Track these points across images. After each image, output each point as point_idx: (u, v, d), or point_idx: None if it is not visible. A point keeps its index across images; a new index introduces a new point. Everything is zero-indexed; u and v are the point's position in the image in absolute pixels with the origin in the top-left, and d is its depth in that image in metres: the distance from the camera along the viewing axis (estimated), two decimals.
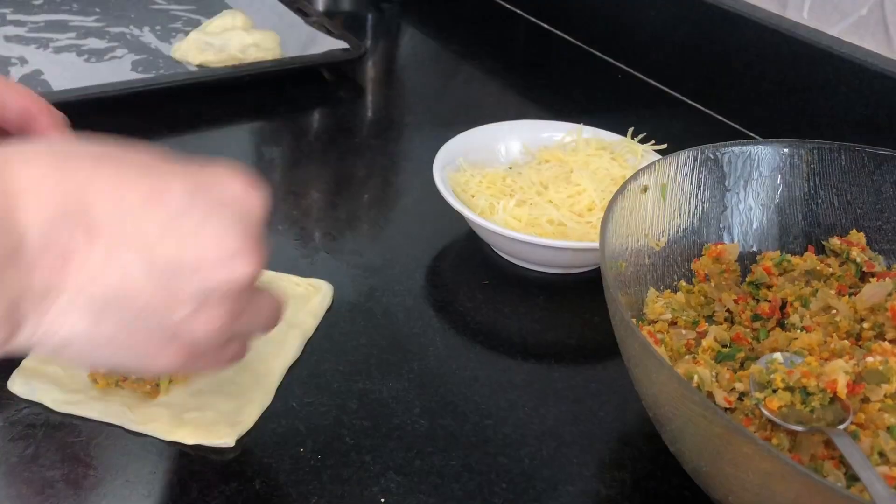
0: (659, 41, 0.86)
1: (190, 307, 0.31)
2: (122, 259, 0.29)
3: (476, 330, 0.52)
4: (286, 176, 0.68)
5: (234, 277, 0.31)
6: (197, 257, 0.30)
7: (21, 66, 0.77)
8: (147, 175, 0.30)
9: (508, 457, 0.43)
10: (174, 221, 0.30)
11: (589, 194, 0.58)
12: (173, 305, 0.30)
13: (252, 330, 0.36)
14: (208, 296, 0.31)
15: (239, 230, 0.31)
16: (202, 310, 0.31)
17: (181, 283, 0.30)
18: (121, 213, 0.29)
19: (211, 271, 0.31)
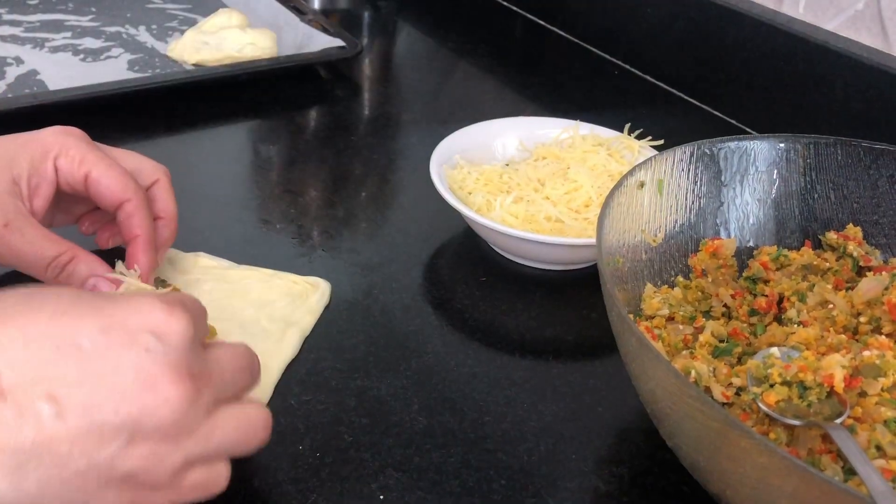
0: (655, 37, 0.86)
1: (118, 442, 0.30)
2: (34, 411, 0.29)
3: (474, 327, 0.52)
4: (283, 174, 0.68)
5: (158, 407, 0.30)
6: (115, 394, 0.30)
7: (17, 66, 0.77)
8: (58, 323, 0.30)
9: (507, 453, 0.43)
10: (89, 364, 0.30)
11: (586, 190, 0.58)
12: (100, 444, 0.29)
13: (217, 451, 0.34)
14: (137, 428, 0.30)
15: (159, 360, 0.31)
16: (133, 443, 0.30)
17: (103, 422, 0.29)
18: (31, 368, 0.29)
19: (132, 404, 0.30)
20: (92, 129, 0.69)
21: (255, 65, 0.77)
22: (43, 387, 0.29)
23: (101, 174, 0.45)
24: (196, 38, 0.81)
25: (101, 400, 0.29)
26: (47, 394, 0.29)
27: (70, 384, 0.29)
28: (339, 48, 0.80)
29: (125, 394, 0.30)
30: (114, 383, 0.30)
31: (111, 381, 0.30)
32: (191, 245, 0.56)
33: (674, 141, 0.58)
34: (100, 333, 0.30)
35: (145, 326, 0.31)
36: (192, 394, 0.31)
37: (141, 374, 0.30)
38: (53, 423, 0.29)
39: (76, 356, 0.30)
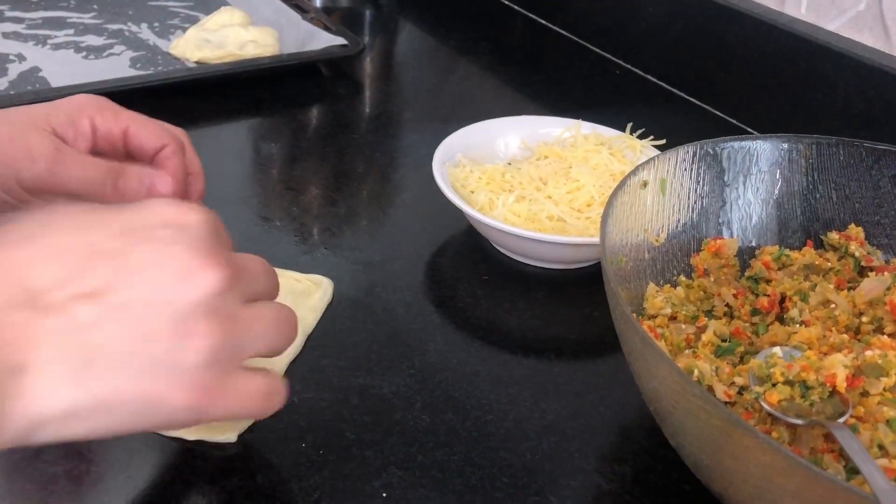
0: (657, 37, 0.86)
1: (171, 337, 0.30)
2: (81, 317, 0.30)
3: (476, 325, 0.52)
4: (285, 172, 0.68)
5: (202, 290, 0.31)
6: (150, 289, 0.31)
7: (19, 63, 0.77)
8: (82, 235, 0.32)
9: (510, 451, 0.43)
10: (121, 264, 0.31)
11: (588, 190, 0.58)
12: (154, 342, 0.30)
13: (260, 344, 0.34)
14: (185, 318, 0.31)
15: (185, 247, 0.32)
16: (189, 335, 0.31)
17: (148, 321, 0.30)
18: (69, 278, 0.30)
19: (175, 295, 0.31)
20: None
21: (257, 62, 0.77)
22: (85, 293, 0.30)
23: (140, 126, 0.47)
24: (198, 36, 0.81)
25: (144, 295, 0.30)
26: (91, 298, 0.30)
27: (109, 286, 0.30)
28: (341, 46, 0.80)
29: (164, 287, 0.31)
30: (150, 277, 0.31)
31: (148, 275, 0.31)
32: None
33: (675, 140, 0.58)
34: (122, 236, 0.32)
35: (161, 221, 0.32)
36: (225, 275, 0.32)
37: (175, 266, 0.31)
38: (103, 325, 0.30)
39: (107, 259, 0.31)
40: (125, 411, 0.31)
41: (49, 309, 0.29)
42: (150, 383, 0.30)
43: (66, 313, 0.29)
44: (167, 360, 0.30)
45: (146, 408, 0.31)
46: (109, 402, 0.30)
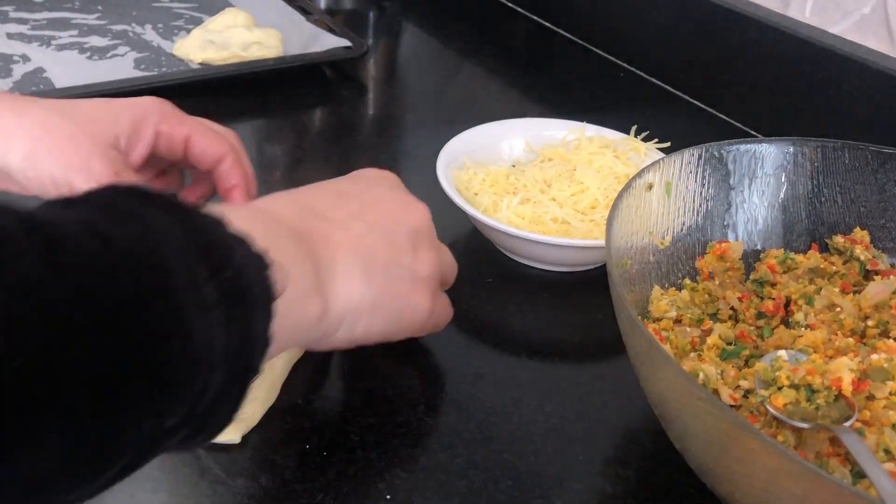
0: (661, 40, 0.86)
1: (410, 251, 0.41)
2: (356, 230, 0.40)
3: (480, 327, 0.52)
4: (289, 174, 0.68)
5: (420, 220, 0.43)
6: (390, 214, 0.42)
7: (24, 64, 0.77)
8: (328, 185, 0.44)
9: (514, 454, 0.43)
10: (363, 199, 0.42)
11: (592, 192, 0.58)
12: (401, 253, 0.41)
13: (446, 274, 0.46)
14: (415, 239, 0.42)
15: (399, 190, 0.45)
16: (418, 251, 0.41)
17: (395, 237, 0.41)
18: (335, 205, 0.41)
19: (405, 220, 0.42)
20: None
21: (261, 64, 0.77)
22: (353, 212, 0.41)
23: (201, 136, 0.50)
24: (202, 37, 0.81)
25: (389, 217, 0.42)
26: (357, 217, 0.40)
27: (363, 210, 0.41)
28: (345, 48, 0.81)
29: (398, 213, 0.42)
30: (386, 209, 0.42)
31: (384, 206, 0.42)
32: None
33: (679, 143, 0.58)
34: (355, 184, 0.44)
35: (376, 177, 0.46)
36: (428, 211, 0.44)
37: (399, 201, 0.43)
38: (371, 237, 0.40)
39: (354, 195, 0.42)
40: (391, 308, 0.41)
41: (335, 222, 0.39)
42: (405, 285, 0.41)
43: (348, 226, 0.39)
44: (411, 269, 0.41)
45: (403, 305, 0.41)
46: (382, 299, 0.40)
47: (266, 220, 0.36)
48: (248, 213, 0.36)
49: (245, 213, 0.36)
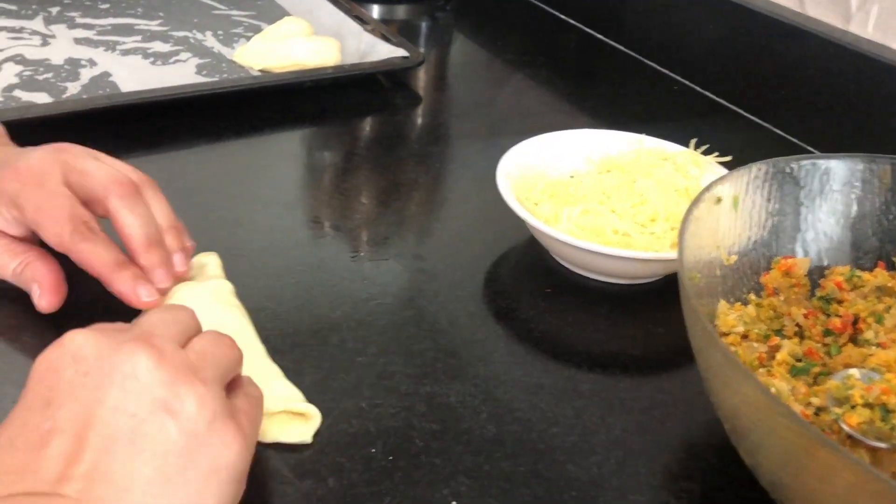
0: (716, 53, 0.86)
1: (159, 425, 0.31)
2: (74, 488, 0.30)
3: (539, 338, 0.52)
4: (347, 180, 0.68)
5: (140, 381, 0.32)
6: (109, 418, 0.31)
7: (90, 68, 0.79)
8: (12, 441, 0.32)
9: (577, 465, 0.44)
10: (61, 437, 0.31)
11: (652, 205, 0.58)
12: (158, 444, 0.31)
13: (222, 367, 0.36)
14: (154, 406, 0.32)
15: (92, 363, 0.32)
16: (167, 411, 0.32)
17: (136, 436, 0.31)
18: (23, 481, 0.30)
19: (120, 402, 0.32)
20: (164, 131, 0.71)
21: (320, 72, 0.78)
22: (60, 474, 0.30)
23: (39, 230, 0.47)
24: (263, 45, 0.82)
25: (109, 430, 0.31)
26: (70, 472, 0.30)
27: (76, 449, 0.30)
28: (402, 58, 0.81)
29: (108, 405, 0.31)
30: (98, 417, 0.31)
31: (97, 416, 0.31)
32: (253, 248, 0.57)
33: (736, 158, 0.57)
34: (43, 410, 0.31)
35: (117, 370, 0.32)
36: (143, 347, 0.33)
37: (100, 385, 0.31)
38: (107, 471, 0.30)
39: (54, 437, 0.30)
40: (187, 491, 0.31)
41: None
42: (176, 458, 0.31)
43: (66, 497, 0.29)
44: (183, 441, 0.31)
45: (213, 480, 0.32)
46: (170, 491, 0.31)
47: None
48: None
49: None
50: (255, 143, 0.72)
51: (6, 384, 0.45)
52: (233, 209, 0.62)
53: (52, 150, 0.50)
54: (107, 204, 0.48)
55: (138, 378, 0.32)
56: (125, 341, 0.33)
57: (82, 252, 0.47)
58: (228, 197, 0.63)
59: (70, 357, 0.32)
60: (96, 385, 0.31)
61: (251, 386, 0.39)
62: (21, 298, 0.49)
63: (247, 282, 0.53)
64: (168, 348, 0.33)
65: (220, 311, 0.48)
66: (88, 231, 0.47)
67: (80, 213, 0.47)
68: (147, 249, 0.48)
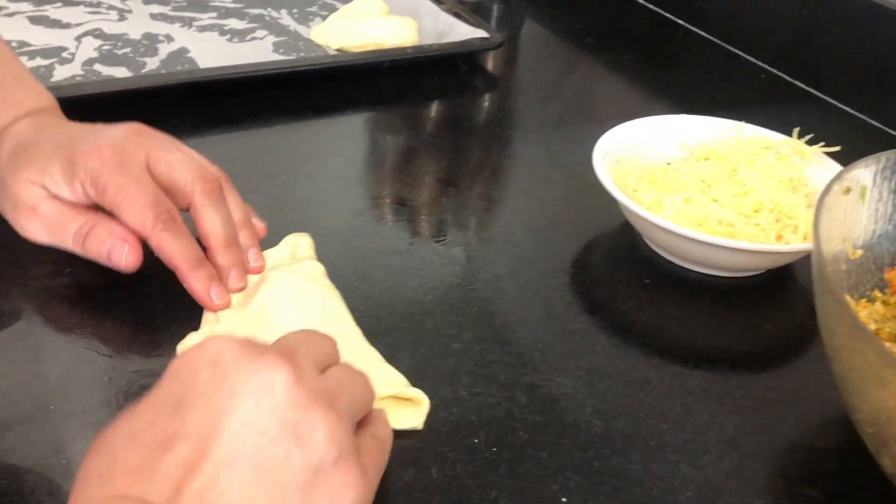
0: (810, 41, 0.82)
1: (288, 450, 0.29)
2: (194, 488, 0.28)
3: (642, 330, 0.50)
4: (430, 163, 0.66)
5: (275, 397, 0.30)
6: (235, 433, 0.29)
7: (168, 44, 0.78)
8: (135, 435, 0.30)
9: (690, 464, 0.41)
10: (188, 443, 0.29)
11: (757, 195, 0.55)
12: (279, 470, 0.29)
13: (358, 406, 0.35)
14: (284, 427, 0.29)
15: (233, 373, 0.30)
16: (297, 438, 0.29)
17: (253, 457, 0.29)
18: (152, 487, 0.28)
19: (254, 417, 0.29)
20: (245, 108, 0.70)
21: (399, 52, 0.76)
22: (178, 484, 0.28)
23: (119, 211, 0.46)
24: (340, 24, 0.81)
25: (234, 446, 0.29)
26: (189, 481, 0.28)
27: (197, 461, 0.28)
28: (481, 39, 0.79)
29: (238, 421, 0.29)
30: (224, 427, 0.29)
31: (223, 427, 0.29)
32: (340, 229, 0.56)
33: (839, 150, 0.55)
34: (174, 412, 0.29)
35: (255, 380, 0.30)
36: (281, 362, 0.30)
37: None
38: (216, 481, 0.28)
39: (178, 442, 0.28)
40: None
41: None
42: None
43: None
44: (305, 476, 0.29)
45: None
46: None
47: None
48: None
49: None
50: (336, 123, 0.71)
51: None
52: (318, 189, 0.60)
53: (133, 131, 0.49)
54: (191, 198, 0.47)
55: (274, 393, 0.29)
56: (267, 352, 0.31)
57: (163, 242, 0.45)
58: (312, 176, 0.62)
59: (209, 359, 0.30)
60: (231, 391, 0.29)
61: (380, 426, 0.37)
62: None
63: (337, 262, 0.52)
64: (307, 370, 0.31)
65: (314, 293, 0.47)
66: (171, 221, 0.46)
67: (164, 202, 0.46)
68: (226, 249, 0.47)
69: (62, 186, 0.47)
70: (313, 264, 0.50)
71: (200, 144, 0.64)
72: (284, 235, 0.53)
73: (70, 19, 0.81)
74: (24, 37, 0.77)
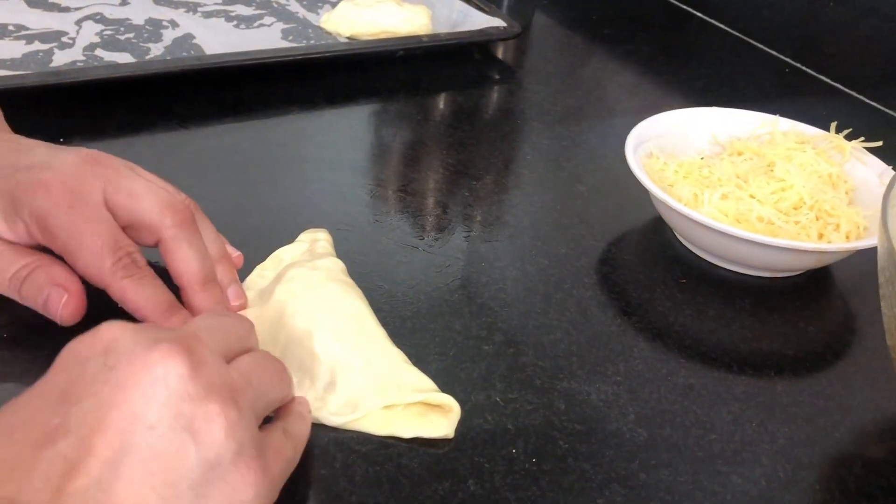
0: (836, 35, 0.80)
1: (179, 447, 0.27)
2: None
3: (681, 333, 0.47)
4: (451, 155, 0.63)
5: (167, 388, 0.28)
6: (121, 424, 0.27)
7: (172, 30, 0.75)
8: (18, 428, 0.27)
9: (742, 476, 0.39)
10: (75, 433, 0.27)
11: (797, 191, 0.53)
12: (172, 469, 0.27)
13: (269, 395, 0.32)
14: (177, 420, 0.27)
15: (121, 368, 0.28)
16: (190, 431, 0.27)
17: (146, 448, 0.27)
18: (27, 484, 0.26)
19: (142, 409, 0.27)
20: (254, 96, 0.66)
21: (415, 40, 0.74)
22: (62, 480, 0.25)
23: (72, 259, 0.40)
24: (351, 11, 0.78)
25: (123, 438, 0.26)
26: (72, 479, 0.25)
27: (79, 458, 0.26)
28: (499, 28, 0.76)
29: (127, 414, 0.27)
30: (110, 419, 0.26)
31: (107, 419, 0.26)
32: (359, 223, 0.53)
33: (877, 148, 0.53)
34: (61, 403, 0.27)
35: (146, 371, 0.28)
36: (176, 351, 0.28)
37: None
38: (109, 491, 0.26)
39: (59, 437, 0.26)
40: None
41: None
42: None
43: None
44: (199, 472, 0.27)
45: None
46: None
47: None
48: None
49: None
50: (350, 112, 0.68)
51: None
52: (335, 181, 0.57)
53: (87, 160, 0.41)
54: (161, 233, 0.41)
55: (167, 385, 0.27)
56: (163, 340, 0.28)
57: (126, 290, 0.39)
58: (328, 167, 0.59)
59: (100, 348, 0.28)
60: (120, 383, 0.27)
61: (295, 421, 0.34)
62: None
63: (357, 259, 0.49)
64: (209, 360, 0.29)
65: (336, 292, 0.44)
66: (133, 265, 0.40)
67: (124, 243, 0.40)
68: (203, 288, 0.41)
69: (1, 226, 0.41)
70: (333, 261, 0.47)
71: (209, 133, 0.61)
72: (301, 230, 0.50)
73: (69, 3, 0.78)
74: (20, 20, 0.74)
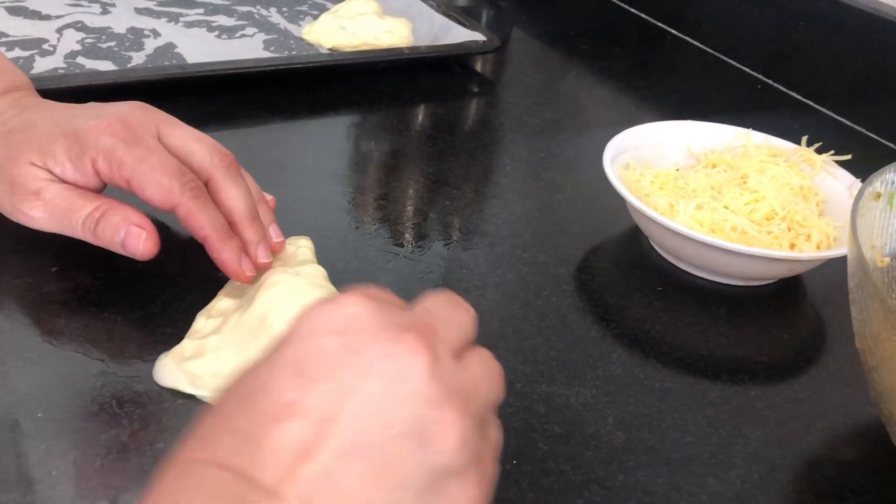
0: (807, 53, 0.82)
1: (418, 460, 0.25)
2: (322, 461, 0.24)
3: (658, 339, 0.48)
4: (431, 165, 0.64)
5: (410, 386, 0.26)
6: (367, 414, 0.25)
7: (154, 39, 0.75)
8: (248, 403, 0.26)
9: (718, 478, 0.40)
10: (337, 380, 0.26)
11: (769, 202, 0.54)
12: (403, 476, 0.25)
13: (489, 401, 0.30)
14: (418, 424, 0.25)
15: (365, 349, 0.26)
16: (426, 443, 0.25)
17: (381, 446, 0.25)
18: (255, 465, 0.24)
19: (384, 407, 0.25)
20: (236, 106, 0.67)
21: (395, 53, 0.74)
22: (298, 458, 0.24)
23: (142, 182, 0.43)
24: (332, 23, 0.78)
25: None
26: (307, 460, 0.24)
27: (319, 438, 0.24)
28: (479, 42, 0.78)
29: (373, 406, 0.25)
30: (358, 405, 0.25)
31: (354, 403, 0.25)
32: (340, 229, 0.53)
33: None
34: (297, 376, 0.25)
35: (390, 362, 0.26)
36: (421, 348, 0.26)
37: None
38: (346, 465, 0.24)
39: (319, 371, 0.25)
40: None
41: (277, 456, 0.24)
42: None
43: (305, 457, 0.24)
44: (424, 482, 0.25)
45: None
46: None
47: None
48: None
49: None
50: (332, 122, 0.68)
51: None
52: (316, 190, 0.58)
53: (139, 107, 0.46)
54: (211, 172, 0.45)
55: (409, 382, 0.25)
56: (407, 330, 0.26)
57: (192, 210, 0.43)
58: (310, 176, 0.59)
59: (340, 325, 0.26)
60: (361, 370, 0.25)
61: (494, 430, 0.30)
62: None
63: (338, 265, 0.50)
64: (445, 359, 0.27)
65: (317, 298, 0.45)
66: (197, 188, 0.44)
67: (187, 171, 0.44)
68: (251, 223, 0.45)
69: (68, 167, 0.43)
70: (315, 267, 0.47)
71: None
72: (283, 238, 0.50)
73: (50, 11, 0.78)
74: (1, 27, 0.73)
